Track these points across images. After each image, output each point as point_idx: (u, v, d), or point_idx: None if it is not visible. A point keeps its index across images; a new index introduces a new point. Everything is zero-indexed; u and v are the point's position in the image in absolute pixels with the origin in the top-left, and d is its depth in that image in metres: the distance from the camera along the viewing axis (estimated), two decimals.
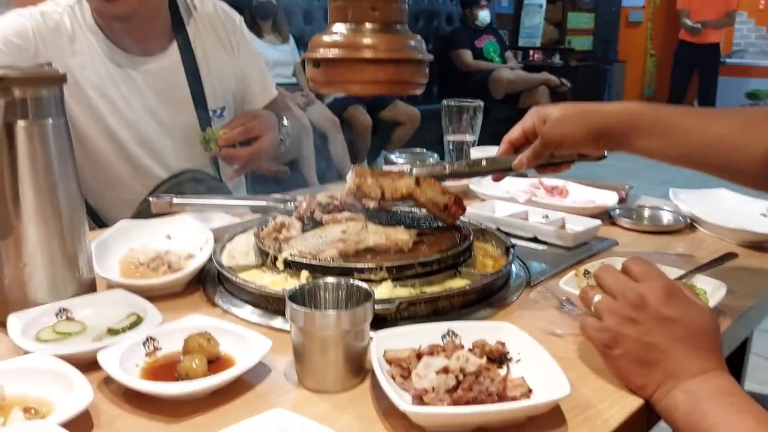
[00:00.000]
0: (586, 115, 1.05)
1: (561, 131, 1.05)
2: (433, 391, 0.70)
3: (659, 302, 0.73)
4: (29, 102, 0.85)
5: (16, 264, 0.88)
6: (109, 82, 1.54)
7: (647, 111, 1.03)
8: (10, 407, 0.69)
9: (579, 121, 1.04)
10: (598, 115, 1.04)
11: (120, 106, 1.56)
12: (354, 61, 1.00)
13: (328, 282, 0.84)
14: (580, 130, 1.04)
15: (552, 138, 1.06)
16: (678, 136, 1.01)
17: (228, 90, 1.72)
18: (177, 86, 1.61)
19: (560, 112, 1.06)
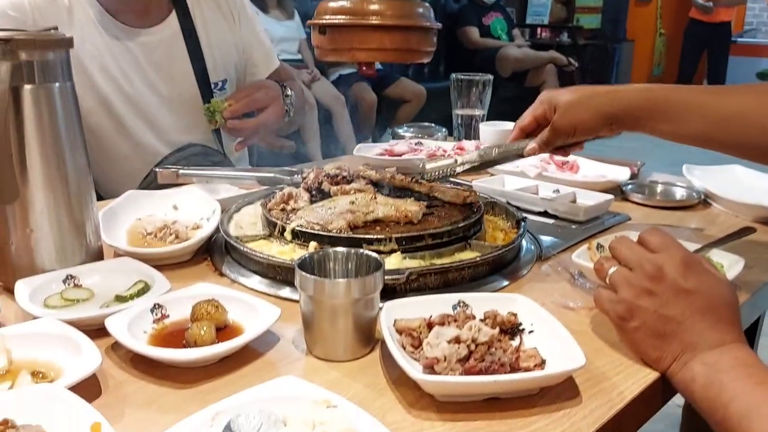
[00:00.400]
0: (597, 101, 1.03)
1: (572, 120, 1.04)
2: (445, 360, 0.69)
3: (677, 274, 0.72)
4: (36, 65, 0.84)
5: (23, 230, 0.87)
6: (108, 55, 1.51)
7: (660, 93, 1.01)
8: (18, 371, 0.68)
9: (589, 108, 1.03)
10: (608, 101, 1.02)
11: (119, 80, 1.53)
12: (360, 27, 0.98)
13: (338, 252, 0.83)
14: (591, 118, 1.03)
15: (563, 127, 1.05)
16: (692, 116, 0.99)
17: (229, 61, 1.68)
18: (177, 58, 1.58)
19: (570, 99, 1.04)
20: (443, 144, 1.69)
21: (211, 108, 1.51)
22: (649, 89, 1.02)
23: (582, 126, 1.04)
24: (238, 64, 1.71)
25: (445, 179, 1.20)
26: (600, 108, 1.02)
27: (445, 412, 0.66)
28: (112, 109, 1.54)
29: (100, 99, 1.52)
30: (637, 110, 1.01)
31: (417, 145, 1.67)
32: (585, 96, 1.04)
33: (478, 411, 0.67)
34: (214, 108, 1.51)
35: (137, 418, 0.65)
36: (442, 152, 1.62)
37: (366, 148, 1.68)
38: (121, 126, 1.56)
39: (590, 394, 0.70)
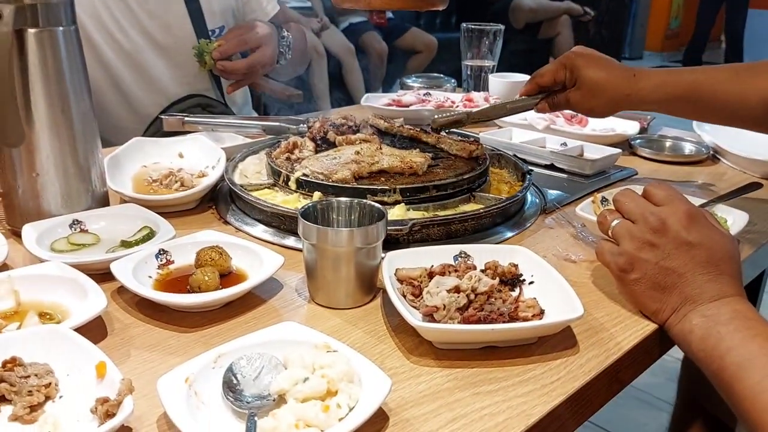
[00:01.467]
0: (617, 92, 1.04)
1: (589, 104, 1.07)
2: (444, 308, 0.70)
3: (680, 226, 0.71)
4: (39, 8, 0.83)
5: (29, 174, 0.87)
6: (101, 5, 1.48)
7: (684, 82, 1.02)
8: (25, 312, 0.70)
9: (608, 98, 1.05)
10: (625, 96, 1.04)
11: (113, 31, 1.50)
12: None
13: (341, 202, 0.83)
14: (607, 107, 1.07)
15: (579, 107, 1.09)
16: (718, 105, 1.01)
17: (227, 7, 1.63)
18: (172, 5, 1.53)
19: (592, 79, 1.05)
20: (452, 95, 1.67)
21: (200, 49, 1.47)
22: (672, 80, 1.03)
23: (597, 111, 1.09)
24: (236, 10, 1.67)
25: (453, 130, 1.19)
26: (617, 102, 1.05)
27: (443, 359, 0.68)
28: (105, 62, 1.51)
29: (94, 51, 1.49)
30: (655, 103, 1.04)
31: (425, 96, 1.65)
32: (606, 84, 1.04)
33: (476, 358, 0.68)
34: (202, 49, 1.47)
35: (143, 359, 0.67)
36: (450, 103, 1.60)
37: (373, 98, 1.66)
38: (115, 80, 1.54)
39: (588, 344, 0.71)
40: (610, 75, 1.05)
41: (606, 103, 1.06)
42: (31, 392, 0.56)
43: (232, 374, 0.60)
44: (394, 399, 0.61)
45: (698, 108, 1.04)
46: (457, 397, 0.62)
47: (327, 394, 0.58)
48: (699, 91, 1.01)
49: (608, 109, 1.08)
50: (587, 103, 1.07)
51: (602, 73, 1.05)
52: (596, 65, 1.06)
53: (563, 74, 1.08)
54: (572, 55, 1.08)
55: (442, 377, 0.65)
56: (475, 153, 1.08)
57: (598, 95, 1.05)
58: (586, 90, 1.05)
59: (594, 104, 1.07)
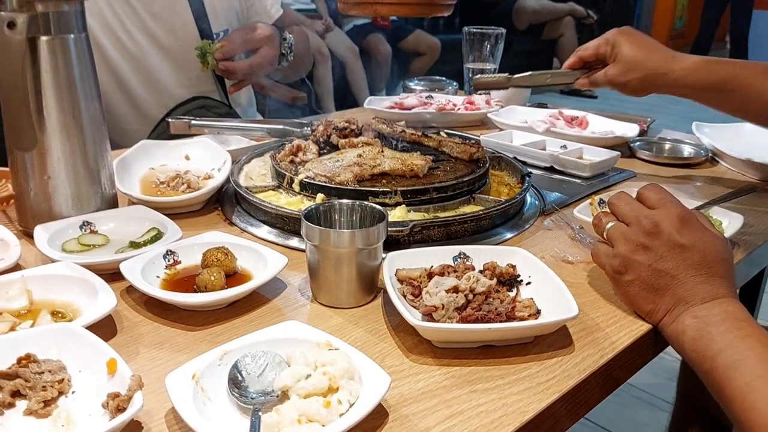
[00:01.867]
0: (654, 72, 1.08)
1: (625, 80, 1.11)
2: (443, 308, 0.72)
3: (673, 229, 0.73)
4: (51, 17, 0.85)
5: (41, 176, 0.90)
6: (107, 8, 1.51)
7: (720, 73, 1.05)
8: (38, 310, 0.72)
9: (644, 78, 1.09)
10: (662, 78, 1.08)
11: (119, 34, 1.53)
12: None
13: (343, 204, 0.85)
14: (641, 85, 1.10)
15: (616, 81, 1.12)
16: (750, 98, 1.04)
17: (230, 10, 1.66)
18: (177, 8, 1.56)
19: (631, 56, 1.09)
20: (453, 98, 1.69)
21: (203, 49, 1.49)
22: (708, 68, 1.06)
23: (631, 87, 1.12)
24: (240, 13, 1.69)
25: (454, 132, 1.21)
26: (652, 80, 1.09)
27: (442, 357, 0.70)
28: (111, 64, 1.54)
29: (100, 53, 1.51)
30: (688, 88, 1.07)
31: (427, 98, 1.67)
32: (643, 61, 1.08)
33: (473, 357, 0.70)
34: (204, 49, 1.49)
35: (151, 356, 0.69)
36: (452, 106, 1.62)
37: (376, 100, 1.68)
38: (121, 82, 1.56)
39: (583, 343, 0.73)
40: (649, 52, 1.09)
41: (640, 80, 1.09)
42: (45, 388, 0.59)
43: (237, 371, 0.62)
44: (394, 396, 0.63)
45: (730, 99, 1.07)
46: (455, 395, 0.64)
47: (328, 390, 0.60)
48: (734, 82, 1.04)
49: (642, 86, 1.10)
50: (623, 77, 1.10)
51: (642, 50, 1.09)
52: (638, 42, 1.10)
53: (605, 49, 1.12)
54: (616, 31, 1.12)
55: (440, 375, 0.67)
56: (476, 155, 1.10)
57: (634, 70, 1.09)
58: (623, 64, 1.09)
59: (629, 78, 1.10)
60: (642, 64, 1.08)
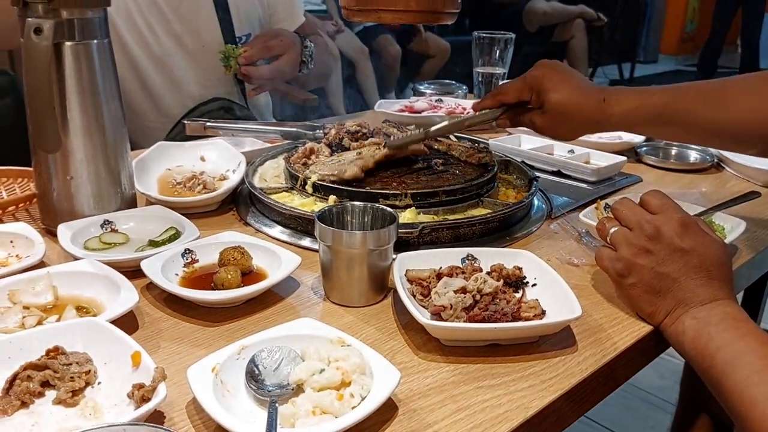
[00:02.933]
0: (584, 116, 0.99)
1: (556, 132, 1.05)
2: (451, 308, 0.74)
3: (674, 234, 0.76)
4: (76, 23, 0.89)
5: (64, 177, 0.93)
6: (135, 9, 1.54)
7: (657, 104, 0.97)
8: (63, 306, 0.76)
9: (575, 123, 1.01)
10: (595, 121, 1.00)
11: (145, 35, 1.56)
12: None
13: (356, 206, 0.88)
14: (575, 134, 1.05)
15: (546, 131, 1.05)
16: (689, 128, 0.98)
17: (253, 16, 1.70)
18: (203, 11, 1.60)
19: (559, 102, 0.99)
20: (463, 101, 1.71)
21: (226, 53, 1.53)
22: (643, 104, 0.97)
23: (563, 137, 1.09)
24: (263, 19, 1.73)
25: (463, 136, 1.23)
26: (585, 129, 1.04)
27: (449, 355, 0.72)
28: (135, 64, 1.58)
29: (125, 52, 1.56)
30: (626, 127, 1.04)
31: (437, 102, 1.70)
32: (574, 111, 0.99)
33: (480, 355, 0.73)
34: (228, 53, 1.53)
35: (171, 351, 0.72)
36: (461, 110, 1.65)
37: (386, 104, 1.71)
38: (144, 81, 1.60)
39: (586, 343, 0.76)
40: (579, 100, 0.99)
41: (573, 129, 1.03)
42: (73, 378, 0.62)
43: (255, 365, 0.65)
44: (403, 391, 0.66)
45: (670, 131, 1.02)
46: (462, 390, 0.67)
47: (341, 384, 0.63)
48: (670, 114, 0.96)
49: (575, 135, 1.05)
50: (553, 128, 1.03)
51: (570, 97, 0.99)
52: (564, 88, 0.99)
53: (528, 95, 1.03)
54: (539, 75, 1.02)
55: (448, 372, 0.70)
56: (484, 160, 1.12)
57: (565, 121, 1.01)
58: (552, 115, 1.01)
59: (561, 131, 1.04)
60: (572, 113, 0.99)
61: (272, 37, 1.59)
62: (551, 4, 6.05)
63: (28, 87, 0.85)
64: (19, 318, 0.72)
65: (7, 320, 0.71)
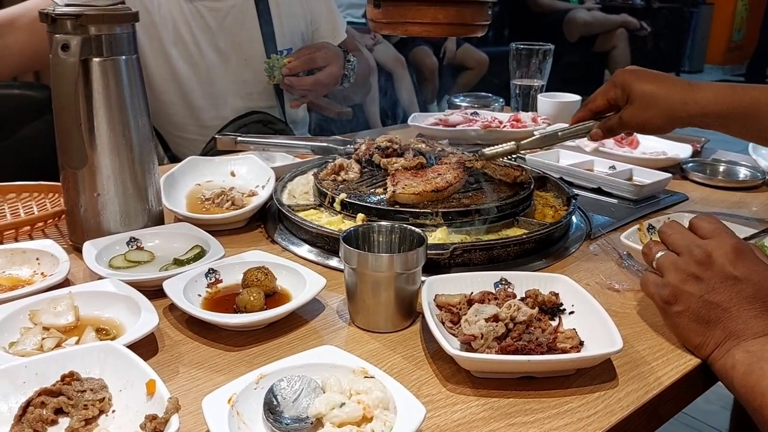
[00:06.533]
0: (671, 103, 0.99)
1: (642, 119, 1.02)
2: (482, 337, 0.70)
3: (726, 260, 0.71)
4: (104, 39, 0.88)
5: (91, 193, 0.93)
6: (181, 20, 1.56)
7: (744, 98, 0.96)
8: (84, 327, 0.74)
9: (662, 110, 1.00)
10: (682, 105, 0.98)
11: (189, 46, 1.57)
12: (414, 1, 0.98)
13: (382, 225, 0.85)
14: (661, 120, 1.01)
15: (632, 124, 1.03)
16: None
17: (296, 31, 1.71)
18: (247, 24, 1.61)
19: (645, 92, 1.00)
20: (499, 115, 1.67)
21: (271, 63, 1.55)
22: (731, 94, 0.97)
23: (651, 126, 1.03)
24: (305, 35, 1.74)
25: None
26: (673, 113, 1.00)
27: (480, 388, 0.68)
28: (178, 76, 1.59)
29: (168, 65, 1.57)
30: (713, 116, 0.98)
31: (472, 115, 1.66)
32: (660, 94, 0.99)
33: (513, 388, 0.68)
34: (273, 63, 1.54)
35: (190, 377, 0.70)
36: (497, 123, 1.61)
37: (420, 117, 1.68)
38: (185, 93, 1.61)
39: (627, 377, 0.71)
40: (664, 85, 1.00)
41: (660, 115, 1.00)
42: (87, 406, 0.60)
43: (273, 395, 0.62)
44: (430, 427, 0.62)
45: (758, 128, 0.99)
46: (492, 427, 0.63)
47: (362, 419, 0.59)
48: (759, 107, 0.95)
49: (663, 122, 1.01)
50: (641, 115, 1.01)
51: (655, 84, 1.00)
52: (648, 78, 1.01)
53: (614, 93, 1.04)
54: (622, 72, 1.04)
55: (477, 406, 0.66)
56: (520, 179, 1.08)
57: (651, 107, 1.00)
58: (638, 104, 1.00)
59: (647, 116, 1.01)
60: (660, 98, 0.99)
61: (317, 49, 1.60)
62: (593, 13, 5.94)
63: (55, 103, 0.85)
64: (38, 340, 0.71)
65: (26, 342, 0.70)
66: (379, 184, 1.08)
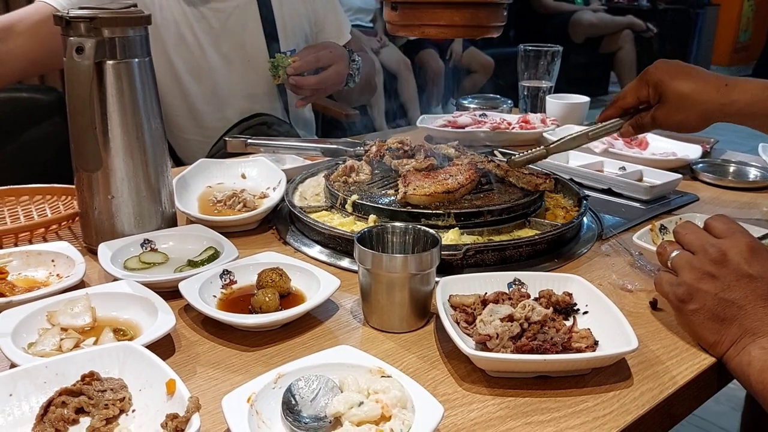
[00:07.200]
0: (707, 103, 0.97)
1: (678, 120, 1.00)
2: (497, 337, 0.70)
3: (741, 259, 0.71)
4: (117, 42, 0.89)
5: (105, 196, 0.93)
6: (184, 22, 1.56)
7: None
8: (101, 328, 0.75)
9: (697, 110, 0.98)
10: (719, 106, 0.96)
11: (192, 48, 1.57)
12: (430, 4, 0.98)
13: (396, 226, 0.85)
14: (696, 121, 0.99)
15: (667, 125, 1.01)
16: None
17: (299, 32, 1.70)
18: (250, 26, 1.61)
19: (679, 92, 0.97)
20: (507, 116, 1.67)
21: (276, 63, 1.53)
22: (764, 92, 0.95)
23: (686, 126, 1.01)
24: (309, 36, 1.73)
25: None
26: (709, 115, 0.98)
27: (495, 387, 0.68)
28: (179, 78, 1.59)
29: (169, 66, 1.57)
30: (750, 116, 0.97)
31: (481, 117, 1.66)
32: (695, 96, 0.97)
33: (528, 387, 0.68)
34: (278, 63, 1.53)
35: (207, 377, 0.70)
36: (506, 125, 1.61)
37: (429, 119, 1.68)
38: (186, 95, 1.61)
39: (642, 376, 0.71)
40: (699, 85, 0.97)
41: (697, 117, 0.98)
42: (107, 406, 0.60)
43: (291, 395, 0.62)
44: (446, 426, 0.63)
45: None
46: (509, 426, 0.63)
47: (381, 418, 0.60)
48: None
49: (700, 123, 0.99)
50: (675, 116, 0.99)
51: (690, 83, 0.97)
52: (682, 76, 0.98)
53: (646, 91, 1.01)
54: (654, 69, 1.01)
55: (493, 405, 0.66)
56: (542, 187, 1.07)
57: (687, 108, 0.97)
58: (673, 104, 0.98)
59: (682, 118, 0.99)
60: (695, 99, 0.97)
61: (321, 48, 1.59)
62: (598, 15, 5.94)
63: (70, 106, 0.86)
64: (57, 340, 0.71)
65: (45, 343, 0.71)
66: (391, 185, 1.08)
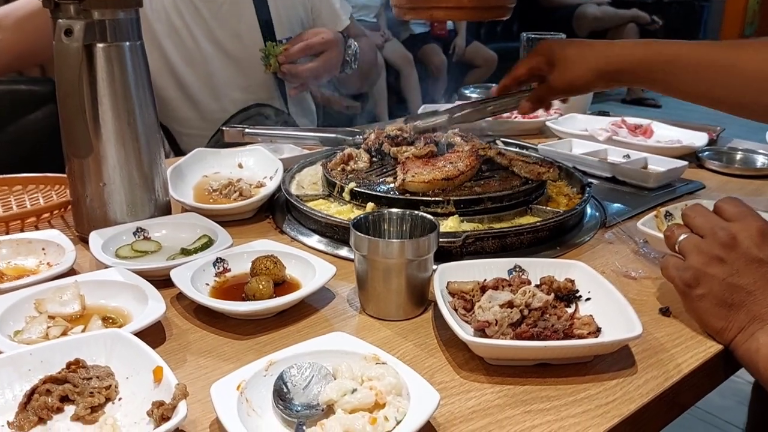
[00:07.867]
0: (592, 57, 1.01)
1: (567, 78, 1.03)
2: (496, 324, 0.68)
3: (752, 243, 0.68)
4: (107, 24, 0.87)
5: (96, 183, 0.91)
6: (174, 12, 1.53)
7: (665, 50, 0.97)
8: (90, 316, 0.73)
9: (585, 65, 1.02)
10: (604, 57, 1.01)
11: (184, 39, 1.55)
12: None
13: (393, 213, 0.83)
14: (586, 75, 1.02)
15: (559, 85, 1.05)
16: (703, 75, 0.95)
17: (295, 19, 1.67)
18: (243, 14, 1.58)
19: (566, 54, 1.03)
20: None
21: (267, 51, 1.51)
22: (649, 45, 0.99)
23: (577, 83, 1.04)
24: (306, 22, 1.70)
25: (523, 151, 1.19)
26: (596, 65, 1.01)
27: (494, 375, 0.66)
28: (174, 69, 1.57)
29: (163, 58, 1.55)
30: (636, 67, 0.99)
31: None
32: (581, 52, 1.02)
33: (528, 375, 0.66)
34: (269, 51, 1.50)
35: (198, 365, 0.68)
36: (509, 114, 1.58)
37: (431, 108, 1.66)
38: (183, 86, 1.59)
39: (646, 364, 0.68)
40: (584, 45, 1.03)
41: (585, 72, 1.02)
42: (93, 394, 0.59)
43: (283, 382, 0.60)
44: (443, 414, 0.61)
45: (680, 81, 0.97)
46: (508, 415, 0.61)
47: (375, 406, 0.58)
48: (680, 61, 0.96)
49: (589, 78, 1.02)
50: (566, 76, 1.03)
51: (575, 46, 1.04)
52: (569, 44, 1.05)
53: (537, 60, 1.07)
54: (544, 42, 1.08)
55: (492, 393, 0.64)
56: (545, 176, 1.04)
57: (576, 65, 1.02)
58: (562, 65, 1.03)
59: (572, 76, 1.03)
60: (581, 56, 1.01)
61: (313, 35, 1.56)
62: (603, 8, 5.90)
63: (59, 90, 0.84)
64: (44, 328, 0.69)
65: (32, 330, 0.69)
66: (389, 173, 1.06)
